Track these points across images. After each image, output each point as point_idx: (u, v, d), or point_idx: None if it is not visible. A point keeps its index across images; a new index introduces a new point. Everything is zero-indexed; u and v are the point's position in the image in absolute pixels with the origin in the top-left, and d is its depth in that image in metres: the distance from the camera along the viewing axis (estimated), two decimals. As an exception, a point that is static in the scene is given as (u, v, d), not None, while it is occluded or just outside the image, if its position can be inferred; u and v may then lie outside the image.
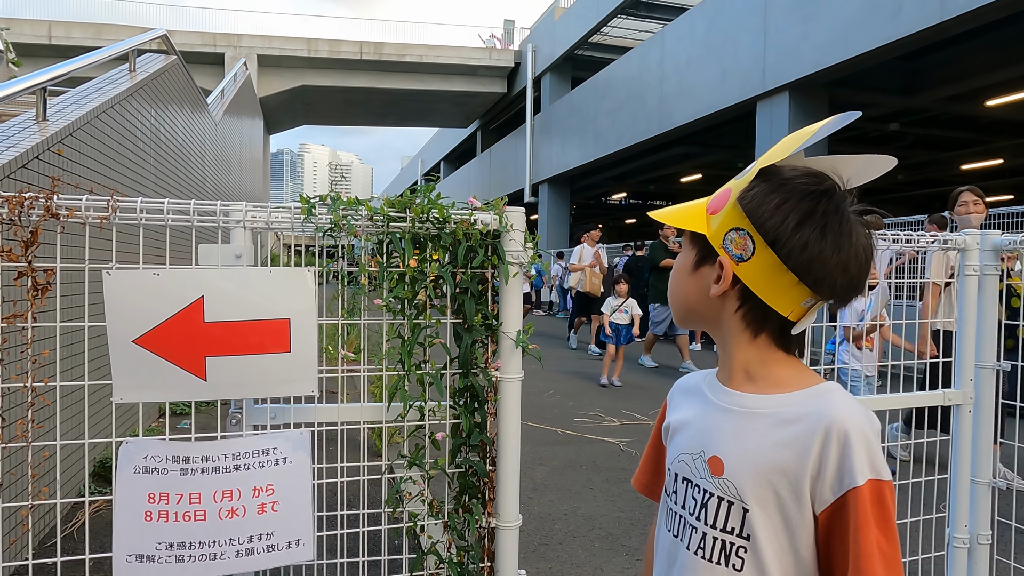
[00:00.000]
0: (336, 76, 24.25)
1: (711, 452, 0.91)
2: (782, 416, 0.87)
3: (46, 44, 20.04)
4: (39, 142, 2.98)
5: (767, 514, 0.85)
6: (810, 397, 0.87)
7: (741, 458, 0.87)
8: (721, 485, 0.88)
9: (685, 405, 1.01)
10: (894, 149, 17.45)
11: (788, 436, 0.85)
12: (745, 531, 0.86)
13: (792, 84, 11.29)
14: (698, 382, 1.02)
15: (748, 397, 0.90)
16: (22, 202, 1.46)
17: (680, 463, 0.95)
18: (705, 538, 0.89)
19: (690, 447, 0.95)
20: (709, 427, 0.93)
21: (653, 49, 15.98)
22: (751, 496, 0.85)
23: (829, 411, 0.83)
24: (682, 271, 0.97)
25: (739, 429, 0.89)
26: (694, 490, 0.92)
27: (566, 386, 7.27)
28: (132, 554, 1.49)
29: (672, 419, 1.02)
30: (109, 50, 4.57)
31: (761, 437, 0.87)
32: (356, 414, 1.78)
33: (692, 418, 0.97)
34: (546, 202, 22.72)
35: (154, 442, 1.53)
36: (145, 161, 4.92)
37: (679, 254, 1.00)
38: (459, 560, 1.81)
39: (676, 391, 1.07)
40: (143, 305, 1.47)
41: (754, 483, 0.85)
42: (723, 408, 0.92)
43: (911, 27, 9.04)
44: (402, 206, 1.70)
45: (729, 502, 0.87)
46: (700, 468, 0.92)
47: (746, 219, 0.86)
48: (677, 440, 0.98)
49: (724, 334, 0.92)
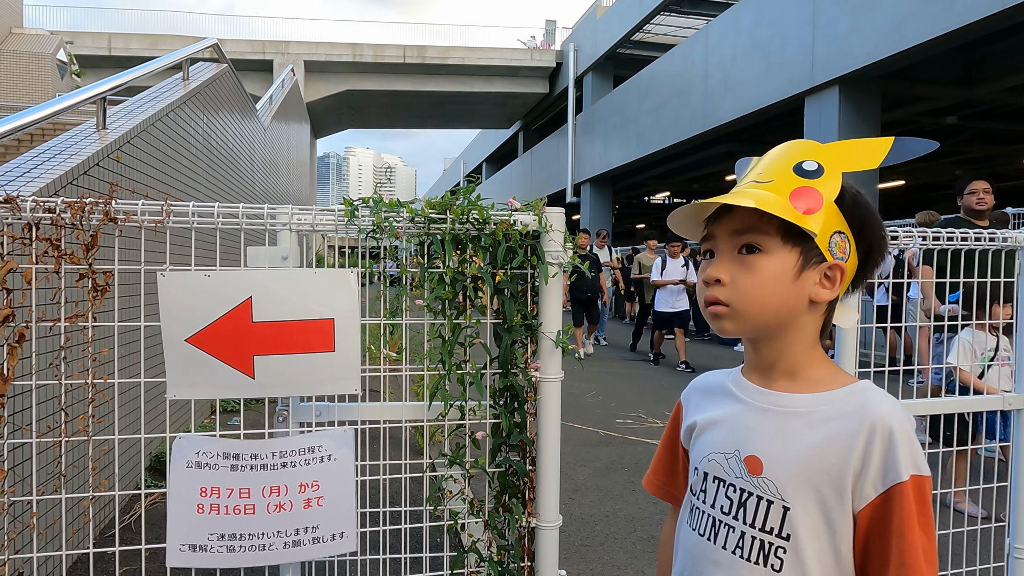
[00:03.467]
0: (380, 80, 24.62)
1: (748, 451, 0.91)
2: (823, 414, 0.87)
3: (106, 55, 20.94)
4: (99, 149, 3.12)
5: (808, 513, 0.85)
6: (849, 395, 0.88)
7: (781, 457, 0.87)
8: (760, 484, 0.88)
9: (709, 405, 1.00)
10: (951, 143, 16.78)
11: (830, 434, 0.85)
12: (785, 531, 0.86)
13: (842, 78, 10.95)
14: (720, 382, 1.02)
15: (787, 396, 0.91)
16: (83, 207, 1.53)
17: (710, 462, 0.95)
18: (744, 537, 0.88)
19: (722, 446, 0.94)
20: (744, 427, 0.93)
21: (697, 45, 15.73)
22: (792, 495, 0.85)
23: (872, 408, 0.85)
24: (780, 278, 0.87)
25: (778, 428, 0.89)
26: (728, 489, 0.92)
27: (608, 387, 7.22)
28: (185, 544, 1.55)
29: (697, 419, 1.00)
30: (164, 60, 4.75)
31: (801, 436, 0.87)
32: (398, 413, 1.81)
33: (722, 418, 0.96)
34: (588, 202, 22.59)
35: (206, 438, 1.58)
36: (197, 166, 5.09)
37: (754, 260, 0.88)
38: (499, 559, 1.82)
39: (694, 392, 1.06)
40: (195, 305, 1.53)
41: (796, 482, 0.85)
42: (759, 408, 0.92)
43: (970, 15, 8.67)
44: (442, 208, 1.72)
45: (769, 501, 0.87)
46: (735, 467, 0.91)
47: (845, 223, 0.89)
48: (705, 440, 0.98)
49: (786, 338, 0.91)
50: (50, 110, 3.09)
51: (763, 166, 0.93)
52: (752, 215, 0.88)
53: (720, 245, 0.91)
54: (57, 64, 10.55)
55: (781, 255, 0.88)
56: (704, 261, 0.95)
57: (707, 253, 0.95)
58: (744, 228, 0.89)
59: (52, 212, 1.52)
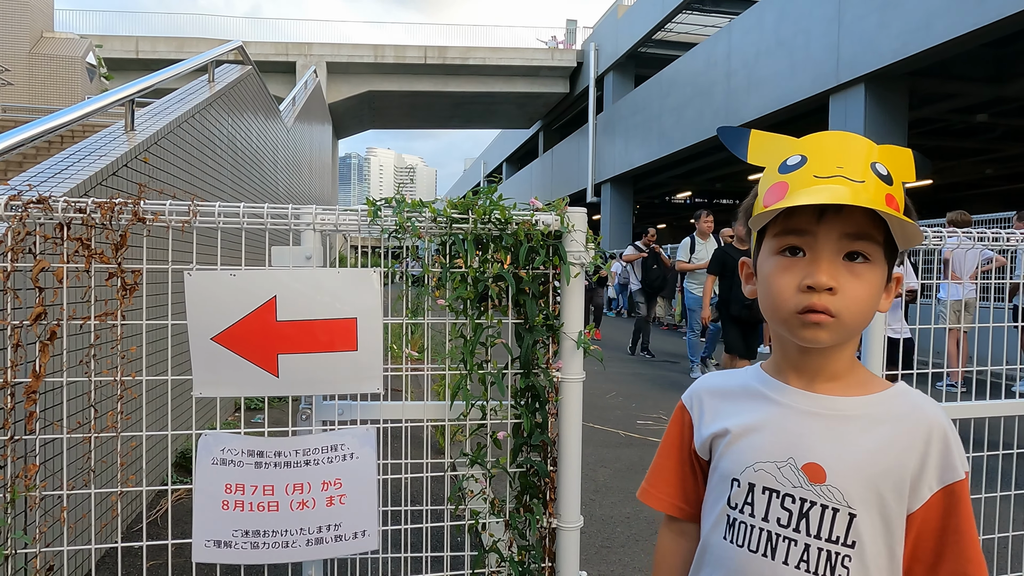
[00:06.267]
0: (402, 81, 24.77)
1: (805, 458, 0.86)
2: (874, 417, 0.87)
3: (134, 58, 21.35)
4: (127, 151, 3.17)
5: (871, 518, 0.84)
6: (895, 397, 0.88)
7: (844, 462, 0.85)
8: (824, 492, 0.85)
9: (735, 410, 0.94)
10: (982, 141, 16.41)
11: (888, 436, 0.85)
12: (850, 538, 0.84)
13: (869, 76, 10.78)
14: (743, 384, 0.96)
15: (836, 400, 0.88)
16: (113, 207, 1.55)
17: (758, 473, 0.89)
18: (808, 550, 0.85)
19: (771, 454, 0.88)
20: (792, 432, 0.88)
21: (720, 43, 15.59)
22: (858, 501, 0.84)
23: (924, 411, 0.87)
24: (879, 290, 0.85)
25: (833, 433, 0.86)
26: (784, 500, 0.87)
27: (629, 388, 7.18)
28: (211, 540, 1.57)
29: (728, 425, 0.93)
30: (190, 63, 4.82)
31: (858, 439, 0.86)
32: (420, 412, 1.81)
33: (760, 423, 0.91)
34: (608, 202, 22.51)
35: (231, 436, 1.60)
36: (222, 167, 5.16)
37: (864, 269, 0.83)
38: (520, 559, 1.82)
39: (705, 396, 0.99)
40: (221, 304, 1.55)
41: (861, 487, 0.84)
42: (806, 412, 0.88)
43: (1001, 11, 8.48)
44: (464, 208, 1.72)
45: (834, 509, 0.84)
46: (792, 476, 0.87)
47: None
48: (744, 448, 0.91)
49: (846, 345, 0.89)
50: (82, 112, 3.15)
51: (844, 159, 0.83)
52: (867, 219, 0.81)
53: (822, 246, 0.82)
54: (87, 67, 10.78)
55: (881, 265, 0.84)
56: (787, 259, 0.85)
57: (788, 250, 0.85)
58: (859, 233, 0.82)
59: (83, 212, 1.55)
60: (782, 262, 0.85)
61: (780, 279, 0.85)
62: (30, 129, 2.73)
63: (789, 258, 0.85)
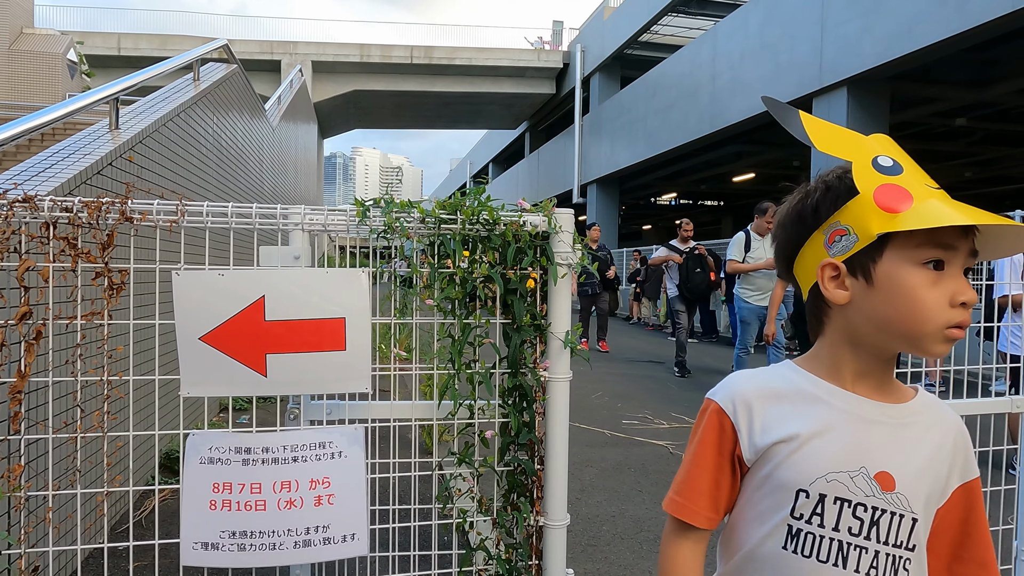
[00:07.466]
0: (388, 80, 24.69)
1: (877, 467, 0.87)
2: (923, 423, 0.91)
3: (116, 55, 21.08)
4: (112, 149, 3.15)
5: (925, 521, 0.89)
6: (928, 402, 0.93)
7: (909, 470, 0.88)
8: (894, 500, 0.87)
9: (797, 415, 0.90)
10: (962, 144, 16.66)
11: (936, 442, 0.90)
12: (912, 542, 0.88)
13: (851, 79, 10.92)
14: (799, 387, 0.92)
15: (893, 408, 0.91)
16: (100, 207, 1.55)
17: (831, 483, 0.87)
18: (877, 556, 0.87)
19: (843, 464, 0.87)
20: (859, 440, 0.88)
21: (705, 45, 15.71)
22: (919, 506, 0.88)
23: (948, 413, 0.93)
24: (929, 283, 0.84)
25: (894, 440, 0.89)
26: (856, 509, 0.87)
27: (614, 388, 7.22)
28: (199, 542, 1.57)
29: (797, 431, 0.89)
30: (175, 61, 4.79)
31: (917, 446, 0.89)
32: (408, 411, 1.82)
33: (823, 429, 0.88)
34: (595, 203, 22.58)
35: (218, 433, 1.60)
36: (207, 166, 5.13)
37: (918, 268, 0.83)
38: (507, 557, 1.83)
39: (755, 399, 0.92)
40: (209, 304, 1.55)
41: (921, 492, 0.88)
42: (867, 419, 0.89)
43: (981, 16, 8.63)
44: (453, 208, 1.73)
45: (900, 515, 0.87)
46: (864, 485, 0.87)
47: None
48: (809, 457, 0.88)
49: None
50: (66, 110, 3.12)
51: (920, 172, 0.89)
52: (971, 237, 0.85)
53: (957, 262, 0.84)
54: (68, 64, 10.64)
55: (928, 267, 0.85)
56: (934, 273, 0.83)
57: (934, 263, 0.84)
58: (974, 250, 0.85)
59: (69, 211, 1.54)
60: (929, 275, 0.83)
61: (929, 293, 0.82)
62: (14, 127, 2.70)
63: (936, 271, 0.83)
